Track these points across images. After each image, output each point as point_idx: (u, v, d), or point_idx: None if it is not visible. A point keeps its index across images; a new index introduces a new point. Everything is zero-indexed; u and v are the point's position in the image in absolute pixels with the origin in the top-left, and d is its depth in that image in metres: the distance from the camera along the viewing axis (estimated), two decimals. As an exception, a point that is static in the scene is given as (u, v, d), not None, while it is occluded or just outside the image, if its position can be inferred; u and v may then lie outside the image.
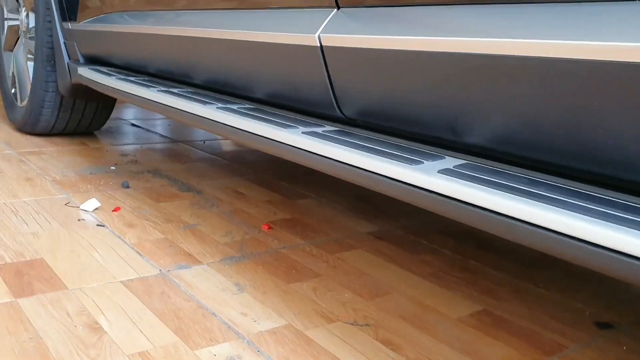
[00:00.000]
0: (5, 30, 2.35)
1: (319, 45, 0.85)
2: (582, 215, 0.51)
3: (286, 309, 1.02)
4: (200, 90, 1.29)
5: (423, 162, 0.69)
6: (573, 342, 0.98)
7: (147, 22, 1.37)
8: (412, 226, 1.50)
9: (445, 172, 0.65)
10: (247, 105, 1.09)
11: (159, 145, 2.24)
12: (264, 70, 1.01)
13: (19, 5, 2.24)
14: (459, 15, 0.68)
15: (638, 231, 0.48)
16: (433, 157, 0.72)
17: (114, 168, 1.85)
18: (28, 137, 2.19)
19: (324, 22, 0.86)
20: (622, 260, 0.49)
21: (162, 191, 1.64)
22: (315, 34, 0.86)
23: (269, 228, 1.40)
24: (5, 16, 2.36)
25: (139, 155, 2.04)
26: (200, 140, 2.41)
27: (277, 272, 1.17)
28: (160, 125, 2.67)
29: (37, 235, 1.25)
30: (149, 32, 1.34)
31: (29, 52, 2.17)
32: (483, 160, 0.72)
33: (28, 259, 1.13)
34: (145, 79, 1.45)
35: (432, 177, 0.62)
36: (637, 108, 0.54)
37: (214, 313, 0.98)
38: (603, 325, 1.04)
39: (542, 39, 0.59)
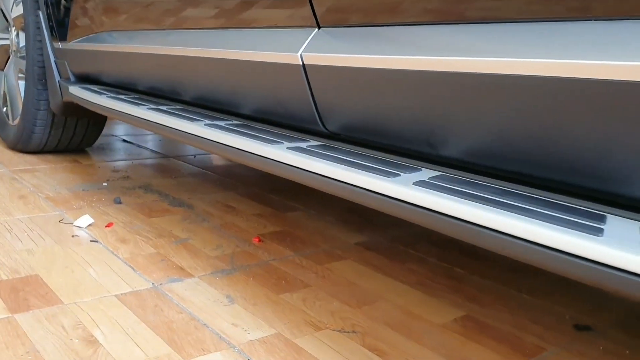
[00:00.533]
0: (-4, 50, 2.39)
1: (301, 63, 0.89)
2: (546, 223, 0.55)
3: (276, 319, 1.05)
4: (189, 107, 1.33)
5: (400, 175, 0.72)
6: (553, 345, 1.02)
7: (136, 41, 1.40)
8: (399, 236, 1.54)
9: (420, 183, 0.68)
10: (234, 122, 1.13)
11: (150, 161, 2.27)
12: (250, 87, 1.05)
13: (9, 24, 2.27)
14: (431, 34, 0.72)
15: (596, 237, 0.52)
16: (410, 170, 0.76)
17: (106, 184, 1.88)
18: (21, 155, 2.21)
19: (305, 41, 0.90)
20: (586, 266, 0.53)
21: (154, 206, 1.67)
22: (297, 52, 0.90)
23: (259, 241, 1.44)
24: (-5, 37, 2.39)
25: (131, 171, 2.07)
26: (191, 155, 2.44)
27: (267, 283, 1.20)
28: (151, 141, 2.70)
29: (31, 252, 1.28)
30: (138, 52, 1.37)
31: (20, 71, 2.20)
32: (458, 172, 0.76)
33: (23, 275, 1.16)
34: (135, 96, 1.49)
35: (406, 188, 0.66)
36: (597, 122, 0.58)
37: (205, 324, 1.01)
38: (582, 328, 1.08)
39: (510, 57, 0.63)
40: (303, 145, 0.91)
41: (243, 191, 1.90)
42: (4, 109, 2.33)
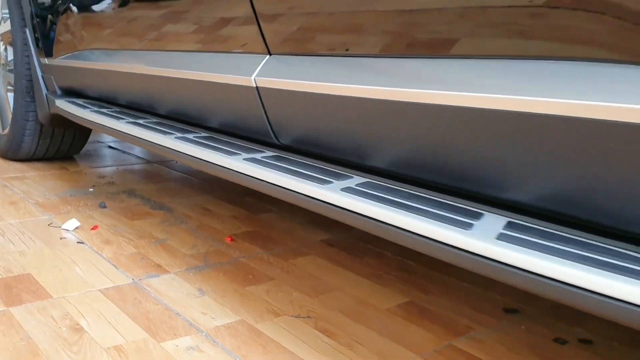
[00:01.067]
0: (-14, 63, 2.51)
1: (255, 86, 1.04)
2: (430, 220, 0.70)
3: (241, 308, 1.19)
4: (164, 121, 1.47)
5: (332, 182, 0.87)
6: (482, 326, 1.17)
7: (114, 59, 1.54)
8: (362, 233, 1.68)
9: (346, 189, 0.83)
10: (202, 134, 1.27)
11: (134, 167, 2.41)
12: (214, 104, 1.20)
13: (-2, 38, 2.40)
14: (354, 64, 0.87)
15: (465, 230, 0.67)
16: (343, 177, 0.91)
17: (92, 190, 2.01)
18: (11, 163, 2.34)
19: (258, 66, 1.04)
20: (456, 253, 0.67)
21: (136, 210, 1.81)
22: (251, 76, 1.04)
23: (232, 240, 1.58)
24: (-15, 50, 2.52)
25: (115, 177, 2.21)
26: (173, 160, 2.58)
27: (236, 278, 1.34)
28: (136, 147, 2.84)
29: (23, 253, 1.42)
30: (116, 70, 1.51)
31: (8, 83, 2.33)
32: (383, 179, 0.91)
33: (16, 274, 1.30)
34: (117, 110, 1.63)
35: (334, 193, 0.81)
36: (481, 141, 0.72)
37: (178, 313, 1.15)
38: (510, 311, 1.23)
39: (408, 89, 0.78)
40: (258, 156, 1.05)
41: (220, 195, 2.04)
42: (-6, 119, 2.46)
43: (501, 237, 0.65)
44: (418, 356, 1.04)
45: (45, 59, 1.96)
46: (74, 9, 1.70)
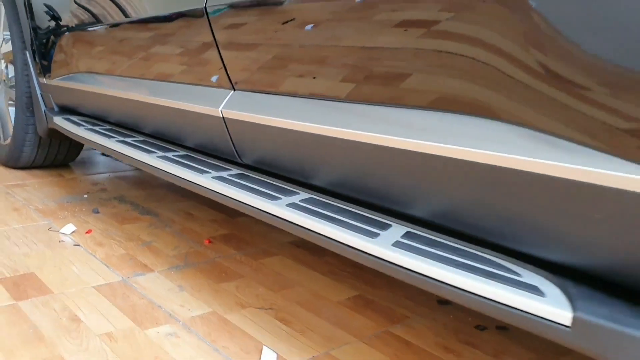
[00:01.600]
0: (-13, 78, 2.72)
1: (221, 116, 1.25)
2: (344, 229, 0.91)
3: (213, 301, 1.41)
4: (149, 139, 1.68)
5: (281, 198, 1.09)
6: (416, 315, 1.39)
7: (104, 84, 1.75)
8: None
9: (290, 204, 1.04)
10: (181, 153, 1.49)
11: (125, 174, 2.62)
12: (189, 128, 1.41)
13: (-1, 56, 2.61)
14: (299, 103, 1.08)
15: (371, 238, 0.88)
16: (291, 194, 1.12)
17: (86, 196, 2.23)
18: (12, 171, 2.55)
19: (224, 99, 1.26)
20: (365, 257, 0.89)
21: (126, 215, 2.03)
22: (219, 108, 1.26)
23: (210, 242, 1.80)
24: (-13, 66, 2.72)
25: (108, 184, 2.42)
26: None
27: (211, 275, 1.56)
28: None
29: (27, 255, 1.63)
30: (105, 93, 1.73)
31: (10, 98, 2.54)
32: (324, 196, 1.12)
33: (22, 273, 1.51)
34: (107, 128, 1.84)
35: (279, 207, 1.02)
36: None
37: (160, 306, 1.37)
38: (442, 302, 1.45)
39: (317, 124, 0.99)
40: (225, 174, 1.27)
41: (203, 200, 2.25)
42: (-4, 130, 2.66)
43: (396, 244, 0.87)
44: (358, 340, 1.26)
45: (44, 79, 2.17)
46: (68, 35, 1.91)
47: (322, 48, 0.98)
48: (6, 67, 2.55)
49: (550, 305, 0.67)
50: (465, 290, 0.75)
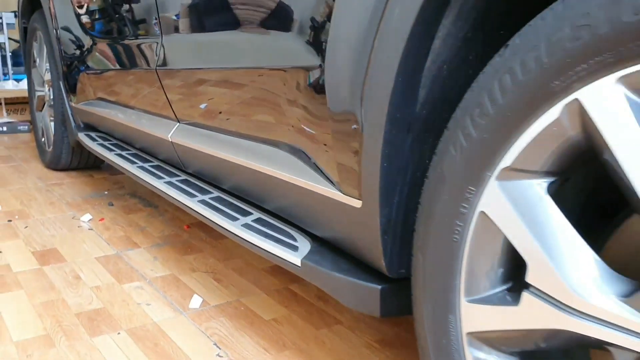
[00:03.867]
0: (36, 98, 3.42)
1: (171, 142, 1.85)
2: (219, 214, 1.50)
3: (174, 267, 2.02)
4: (140, 153, 2.31)
5: (197, 196, 1.68)
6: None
7: (106, 109, 2.38)
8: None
9: (201, 201, 1.63)
10: (154, 163, 2.10)
11: (141, 174, 3.27)
12: (157, 146, 2.02)
13: (44, 81, 3.29)
14: (219, 138, 1.67)
15: (233, 221, 1.47)
16: (206, 193, 1.71)
17: (106, 193, 2.88)
18: (53, 172, 3.24)
19: (172, 129, 1.86)
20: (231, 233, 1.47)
21: (133, 207, 2.66)
22: (168, 136, 1.86)
23: (188, 227, 2.41)
24: (35, 88, 3.42)
25: (126, 182, 3.07)
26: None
27: (180, 251, 2.17)
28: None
29: (53, 236, 2.28)
30: (106, 116, 2.36)
31: (50, 114, 3.22)
32: (230, 195, 1.71)
33: (48, 248, 2.16)
34: (112, 143, 2.48)
35: (191, 202, 1.61)
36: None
37: (137, 270, 1.99)
38: (335, 270, 2.02)
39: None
40: (174, 179, 1.87)
41: (194, 195, 2.87)
42: (43, 139, 3.36)
43: (245, 225, 1.45)
44: (263, 293, 1.84)
45: (72, 102, 2.83)
46: (84, 70, 2.56)
47: (230, 104, 1.56)
48: (49, 89, 3.23)
49: (294, 256, 1.24)
50: (267, 251, 1.33)
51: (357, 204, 1.08)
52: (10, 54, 6.02)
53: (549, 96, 0.70)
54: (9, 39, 5.95)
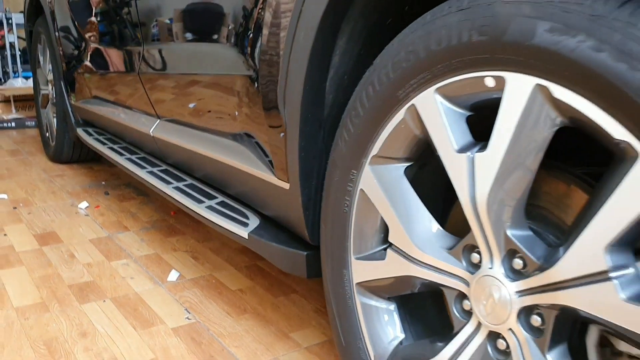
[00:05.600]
0: (41, 96, 3.70)
1: (152, 136, 2.11)
2: (185, 197, 1.75)
3: (159, 248, 2.28)
4: (130, 147, 2.57)
5: (173, 183, 1.94)
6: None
7: (101, 107, 2.65)
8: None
9: (176, 188, 1.89)
10: (140, 155, 2.36)
11: (136, 166, 3.54)
12: (141, 140, 2.28)
13: (47, 80, 3.57)
14: (188, 131, 1.93)
15: (199, 204, 1.72)
16: (181, 180, 1.97)
17: (104, 183, 3.15)
18: (56, 164, 3.51)
19: (154, 125, 2.12)
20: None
21: (127, 196, 2.93)
22: (150, 130, 2.12)
23: (174, 213, 2.67)
24: (40, 87, 3.70)
25: (122, 174, 3.34)
26: (166, 161, 3.69)
27: (165, 233, 2.43)
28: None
29: (53, 221, 2.55)
30: (104, 115, 2.62)
31: (53, 111, 3.49)
32: (202, 182, 1.96)
33: (48, 231, 2.43)
34: (106, 137, 2.74)
35: (167, 189, 1.87)
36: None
37: (125, 249, 2.25)
38: (300, 249, 2.27)
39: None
40: (156, 169, 2.13)
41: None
42: (47, 134, 3.64)
43: (208, 207, 1.70)
44: (234, 268, 2.10)
45: (72, 100, 3.10)
46: (81, 72, 2.82)
47: (201, 101, 1.82)
48: (52, 88, 3.50)
49: (243, 231, 1.50)
50: (222, 227, 1.58)
51: (286, 186, 1.33)
52: (19, 52, 6.32)
53: (396, 102, 0.95)
54: (19, 37, 6.25)
